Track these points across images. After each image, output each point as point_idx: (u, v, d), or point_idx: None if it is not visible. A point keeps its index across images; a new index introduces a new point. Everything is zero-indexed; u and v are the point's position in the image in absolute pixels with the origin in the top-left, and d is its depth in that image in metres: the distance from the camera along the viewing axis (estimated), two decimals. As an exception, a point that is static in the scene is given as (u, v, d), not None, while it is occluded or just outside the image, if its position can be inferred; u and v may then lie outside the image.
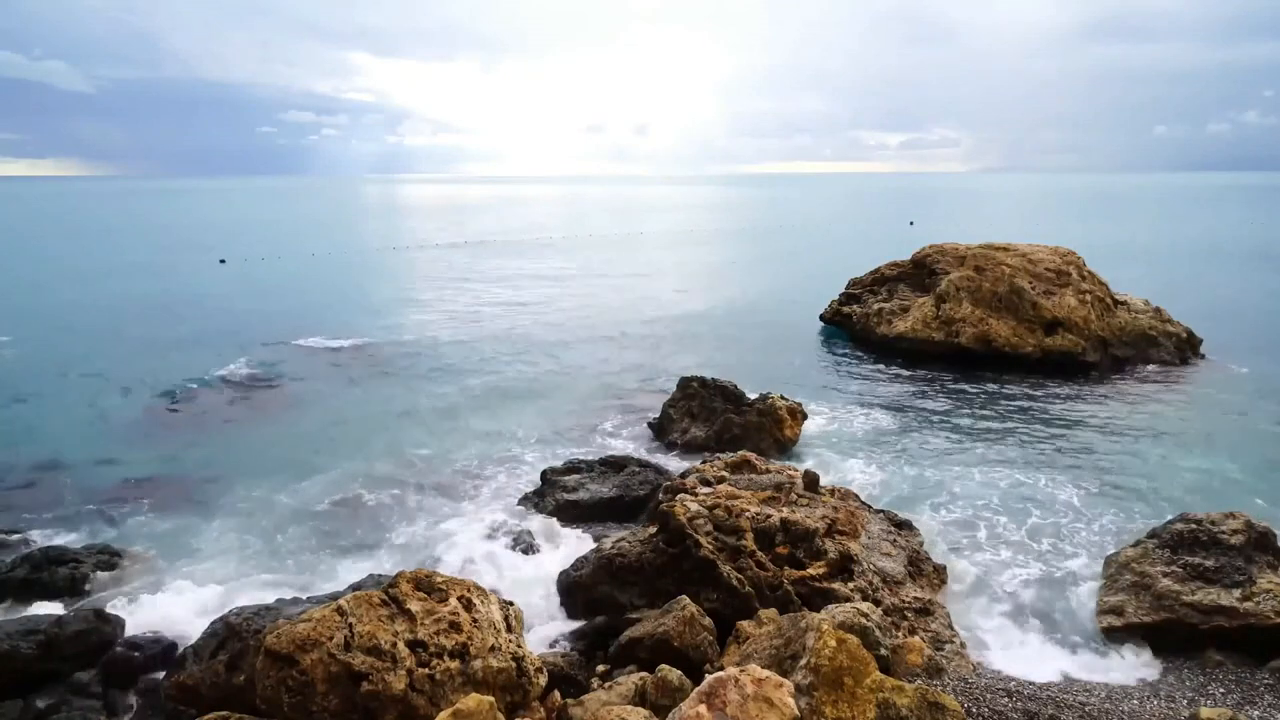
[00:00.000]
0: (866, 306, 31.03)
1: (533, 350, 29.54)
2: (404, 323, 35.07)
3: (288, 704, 7.62)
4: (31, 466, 17.80)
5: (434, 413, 22.03)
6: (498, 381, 25.28)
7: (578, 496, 15.32)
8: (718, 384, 19.90)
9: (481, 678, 8.04)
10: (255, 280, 49.07)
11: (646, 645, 9.75)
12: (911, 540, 13.24)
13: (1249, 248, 64.73)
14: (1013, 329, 26.68)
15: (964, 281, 27.77)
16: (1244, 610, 10.52)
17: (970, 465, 17.62)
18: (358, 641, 7.88)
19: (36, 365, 27.19)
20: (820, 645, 7.31)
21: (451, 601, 8.58)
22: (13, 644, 9.95)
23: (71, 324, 34.63)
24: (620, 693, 8.31)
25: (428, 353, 29.17)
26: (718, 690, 6.75)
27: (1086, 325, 26.64)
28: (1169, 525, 12.24)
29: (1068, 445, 18.78)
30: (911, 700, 7.05)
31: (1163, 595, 11.08)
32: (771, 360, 27.51)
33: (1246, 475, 16.84)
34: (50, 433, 20.17)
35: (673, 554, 11.32)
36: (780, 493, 13.22)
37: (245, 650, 8.99)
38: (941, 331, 27.51)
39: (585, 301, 40.61)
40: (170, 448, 19.11)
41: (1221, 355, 27.03)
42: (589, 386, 24.52)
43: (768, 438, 18.40)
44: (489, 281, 48.24)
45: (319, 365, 27.38)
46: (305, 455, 18.55)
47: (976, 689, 8.89)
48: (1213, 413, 21.05)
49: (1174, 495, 15.86)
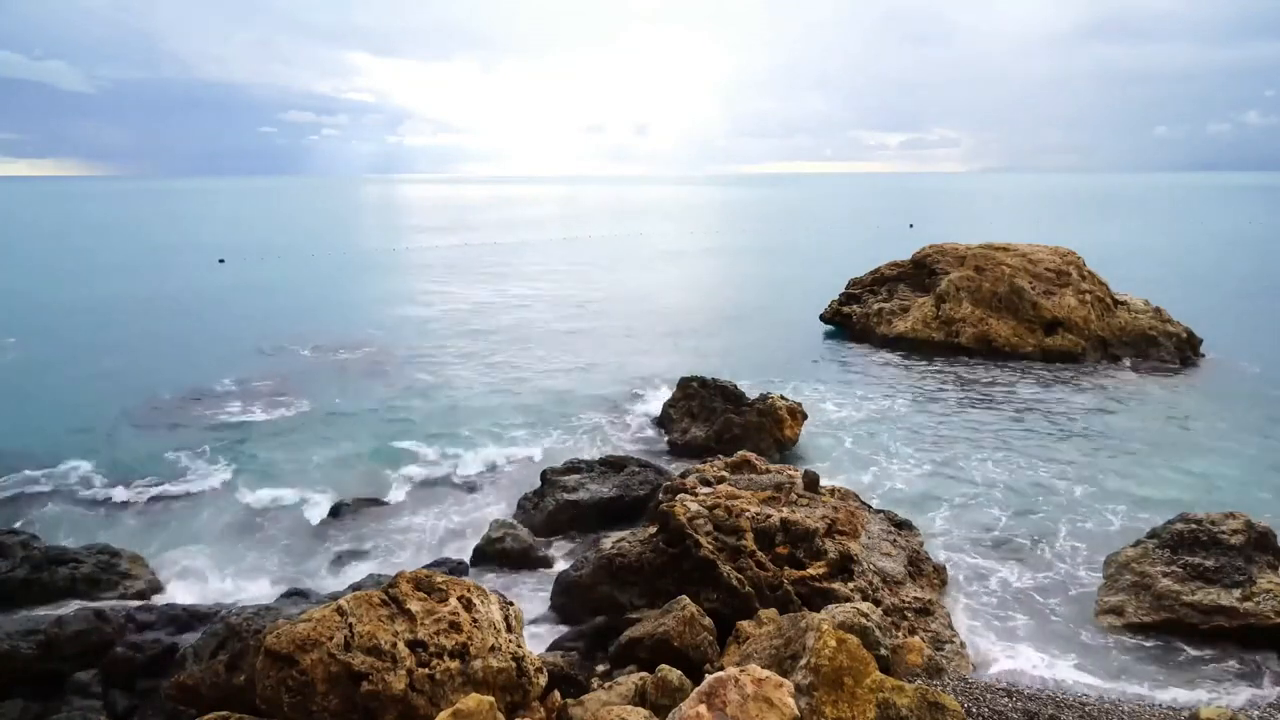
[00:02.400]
0: (866, 306, 31.04)
1: (533, 350, 29.53)
2: (403, 322, 35.07)
3: (288, 704, 7.62)
4: (32, 466, 17.78)
5: (433, 412, 22.03)
6: (497, 381, 25.28)
7: (578, 496, 15.31)
8: (718, 384, 19.89)
9: (481, 678, 8.04)
10: (255, 280, 49.07)
11: (646, 645, 9.75)
12: (911, 540, 13.24)
13: (1249, 248, 64.75)
14: (1013, 329, 26.69)
15: (964, 281, 27.77)
16: (1244, 610, 10.52)
17: (970, 465, 17.63)
18: (358, 641, 7.88)
19: (36, 365, 27.20)
20: (820, 645, 7.31)
21: (451, 601, 8.57)
22: (13, 644, 9.95)
23: (71, 324, 34.63)
24: (620, 693, 8.31)
25: (427, 352, 29.16)
26: (718, 690, 6.75)
27: (1086, 325, 26.65)
28: (1169, 525, 12.24)
29: (1067, 445, 18.77)
30: (911, 700, 7.05)
31: (1163, 595, 11.08)
32: (771, 360, 27.50)
33: (1246, 475, 16.84)
34: (50, 432, 20.17)
35: (673, 554, 11.32)
36: (780, 493, 13.22)
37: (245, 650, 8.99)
38: (941, 331, 27.51)
39: (585, 301, 40.61)
40: (170, 447, 19.09)
41: (1221, 355, 27.03)
42: (589, 386, 24.51)
43: (768, 438, 18.40)
44: (489, 282, 48.23)
45: (318, 365, 27.38)
46: (305, 455, 18.55)
47: (976, 689, 8.89)
48: (1212, 413, 21.05)
49: (1174, 495, 15.86)
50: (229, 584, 12.95)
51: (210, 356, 28.11)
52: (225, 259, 58.95)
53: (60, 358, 28.31)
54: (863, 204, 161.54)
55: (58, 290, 44.45)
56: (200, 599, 12.39)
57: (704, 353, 28.76)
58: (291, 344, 30.24)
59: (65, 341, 31.12)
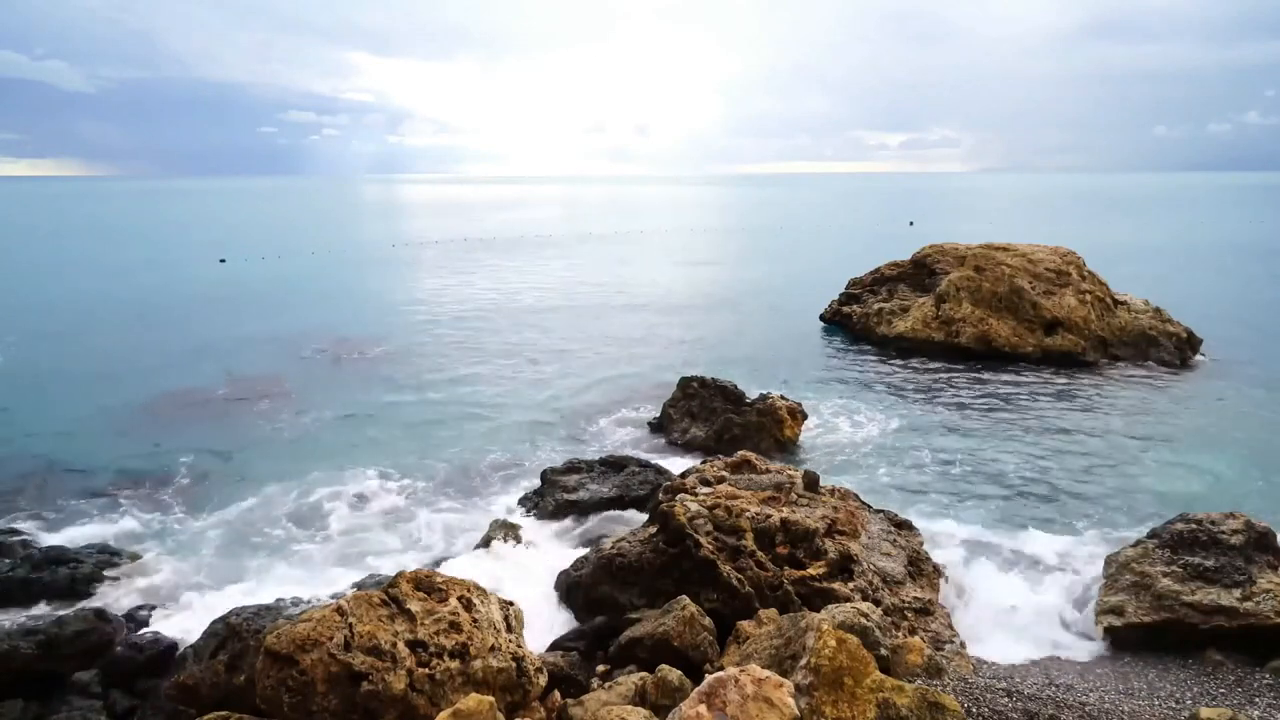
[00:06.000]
0: (866, 306, 31.04)
1: (533, 350, 29.53)
2: (403, 322, 35.06)
3: (288, 704, 7.62)
4: (31, 466, 17.80)
5: (433, 412, 22.03)
6: (497, 381, 25.28)
7: (578, 496, 15.32)
8: (718, 384, 19.89)
9: (481, 678, 8.04)
10: (255, 280, 49.06)
11: (646, 645, 9.75)
12: (911, 540, 13.24)
13: (1249, 248, 64.72)
14: (1013, 329, 26.69)
15: (964, 281, 27.77)
16: (1244, 610, 10.51)
17: (970, 465, 17.63)
18: (358, 641, 7.88)
19: (36, 364, 27.19)
20: (820, 645, 7.31)
21: (451, 601, 8.57)
22: (13, 644, 9.95)
23: (71, 323, 34.62)
24: (620, 693, 8.31)
25: (427, 352, 29.16)
26: (718, 690, 6.75)
27: (1086, 325, 26.65)
28: (1169, 525, 12.23)
29: (1068, 445, 18.77)
30: (911, 700, 7.05)
31: (1163, 595, 11.08)
32: (771, 360, 27.50)
33: (1246, 475, 16.84)
34: (50, 432, 20.17)
35: (673, 554, 11.32)
36: (780, 493, 13.21)
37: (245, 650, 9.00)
38: (941, 331, 27.50)
39: (585, 301, 40.60)
40: (170, 447, 19.10)
41: (1221, 355, 27.03)
42: (589, 386, 24.51)
43: (768, 438, 18.40)
44: (488, 281, 48.21)
45: (318, 364, 27.38)
46: (305, 455, 18.55)
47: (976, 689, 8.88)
48: (1213, 413, 21.05)
49: (1174, 495, 15.86)
50: (229, 584, 12.94)
51: (210, 356, 28.11)
52: (226, 259, 58.95)
53: (60, 357, 28.29)
54: (863, 204, 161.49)
55: (58, 290, 44.43)
56: (200, 599, 12.38)
57: (704, 352, 28.76)
58: (292, 343, 30.23)
59: (65, 341, 31.10)
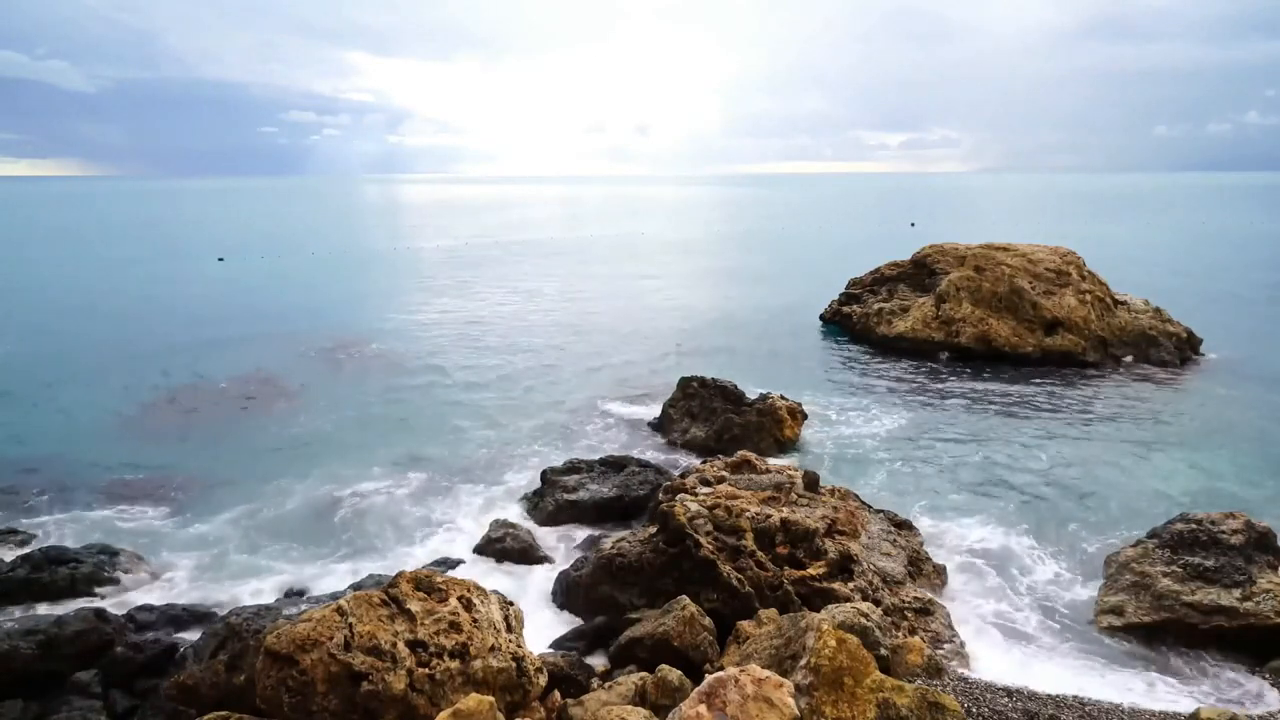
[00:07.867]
0: (867, 306, 31.04)
1: (533, 350, 29.54)
2: (403, 322, 35.07)
3: (288, 704, 7.62)
4: (31, 466, 17.80)
5: (433, 412, 22.03)
6: (498, 381, 25.28)
7: (578, 496, 15.32)
8: (718, 384, 19.89)
9: (481, 678, 8.04)
10: (254, 279, 49.07)
11: (646, 645, 9.75)
12: (911, 540, 13.25)
13: (1249, 247, 64.73)
14: (1013, 329, 26.69)
15: (964, 281, 27.77)
16: (1244, 610, 10.52)
17: (970, 465, 17.63)
18: (358, 641, 7.88)
19: (36, 365, 27.18)
20: (820, 645, 7.31)
21: (451, 601, 8.57)
22: (13, 644, 9.95)
23: (71, 323, 34.63)
24: (620, 693, 8.31)
25: (427, 352, 29.16)
26: (718, 690, 6.75)
27: (1086, 325, 26.64)
28: (1169, 525, 12.24)
29: (1067, 445, 18.77)
30: (911, 700, 7.05)
31: (1163, 595, 11.08)
32: (771, 360, 27.51)
33: (1246, 475, 16.84)
34: (50, 432, 20.18)
35: (673, 554, 11.32)
36: (780, 493, 13.22)
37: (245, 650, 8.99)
38: (941, 331, 27.50)
39: (585, 301, 40.61)
40: (170, 447, 19.11)
41: (1221, 355, 27.03)
42: (589, 386, 24.51)
43: (768, 437, 18.40)
44: (488, 281, 48.23)
45: (318, 364, 27.38)
46: (305, 455, 18.55)
47: (976, 689, 8.89)
48: (1212, 413, 21.04)
49: (1174, 495, 15.86)
50: (229, 584, 12.94)
51: (209, 355, 28.10)
52: (225, 257, 58.94)
53: (60, 357, 28.29)
54: (863, 204, 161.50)
55: (57, 290, 44.45)
56: (200, 599, 12.39)
57: (704, 352, 28.76)
58: (291, 342, 30.23)
59: (65, 340, 31.11)
